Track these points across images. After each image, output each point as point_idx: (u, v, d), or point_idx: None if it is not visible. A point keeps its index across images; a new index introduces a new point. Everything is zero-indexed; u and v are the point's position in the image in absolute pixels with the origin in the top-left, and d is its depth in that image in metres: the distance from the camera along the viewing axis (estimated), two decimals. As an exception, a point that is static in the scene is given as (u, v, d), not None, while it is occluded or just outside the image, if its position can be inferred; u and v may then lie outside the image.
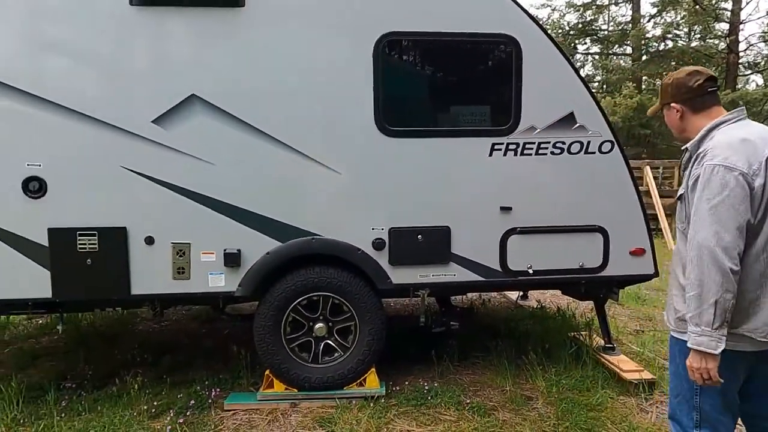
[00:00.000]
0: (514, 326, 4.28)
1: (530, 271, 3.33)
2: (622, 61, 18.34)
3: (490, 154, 3.24)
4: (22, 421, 3.05)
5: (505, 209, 3.26)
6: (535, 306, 5.04)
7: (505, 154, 3.24)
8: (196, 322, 4.95)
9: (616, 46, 18.76)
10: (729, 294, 1.67)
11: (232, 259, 3.09)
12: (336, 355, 3.32)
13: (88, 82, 2.96)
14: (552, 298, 5.53)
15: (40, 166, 2.95)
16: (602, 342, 3.88)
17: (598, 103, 3.33)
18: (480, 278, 3.32)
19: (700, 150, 1.82)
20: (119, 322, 4.86)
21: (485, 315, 4.93)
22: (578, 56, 20.16)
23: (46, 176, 2.96)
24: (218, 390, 3.35)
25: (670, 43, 16.21)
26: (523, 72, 3.19)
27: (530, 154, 3.26)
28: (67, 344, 4.31)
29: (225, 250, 3.10)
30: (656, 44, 16.19)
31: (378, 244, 3.20)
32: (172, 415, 3.07)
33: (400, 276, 3.25)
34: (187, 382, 3.52)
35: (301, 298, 3.22)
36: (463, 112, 3.29)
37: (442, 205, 3.24)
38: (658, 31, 16.29)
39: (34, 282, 2.99)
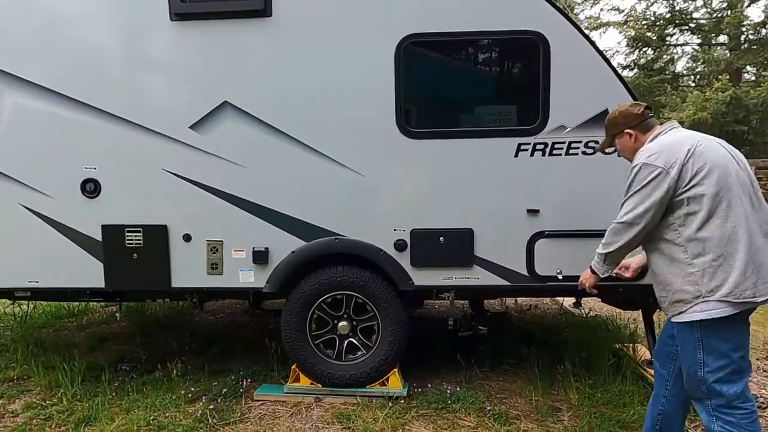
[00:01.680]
0: (555, 334, 4.10)
1: (560, 277, 3.19)
2: (715, 53, 16.78)
3: (516, 155, 3.14)
4: (80, 397, 3.41)
5: (533, 212, 3.15)
6: (584, 314, 4.78)
7: (532, 155, 3.13)
8: (247, 315, 5.23)
9: (712, 35, 17.17)
10: None
11: (260, 257, 3.26)
12: (359, 353, 3.38)
13: (134, 92, 3.26)
14: (606, 308, 5.21)
15: (95, 169, 3.30)
16: (648, 355, 3.61)
17: (635, 99, 3.11)
18: (506, 282, 3.23)
19: None
20: (178, 313, 5.26)
21: (525, 321, 4.76)
22: (673, 49, 18.68)
23: (101, 178, 3.30)
24: (250, 380, 3.53)
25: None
26: (552, 69, 3.06)
27: (560, 155, 3.12)
28: (131, 331, 4.75)
29: (254, 248, 3.27)
30: (756, 31, 14.59)
31: (400, 245, 3.22)
32: (204, 401, 3.29)
33: (422, 278, 3.25)
34: (225, 372, 3.75)
35: (325, 296, 3.32)
36: (488, 111, 3.22)
37: (465, 206, 3.19)
38: (757, 15, 14.69)
39: (91, 273, 3.34)
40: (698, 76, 18.59)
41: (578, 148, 3.11)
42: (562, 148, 3.12)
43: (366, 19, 3.15)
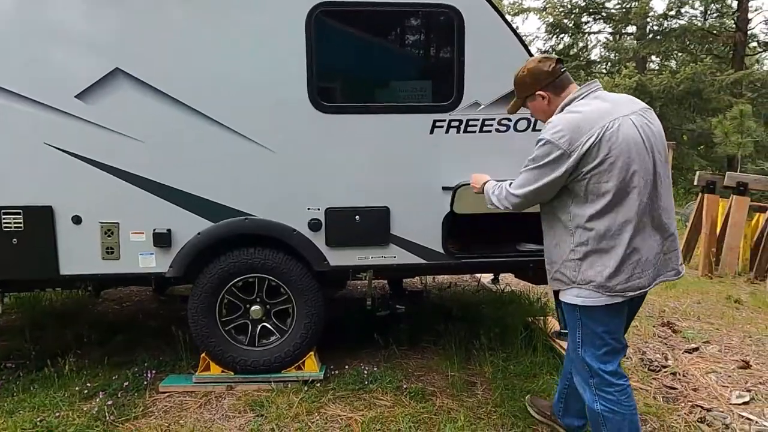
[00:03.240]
0: (471, 310, 4.18)
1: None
2: (625, 42, 17.86)
3: (432, 132, 3.10)
4: (-46, 400, 3.03)
5: (448, 189, 3.13)
6: (500, 290, 4.92)
7: (447, 132, 3.10)
8: (156, 303, 4.91)
9: (622, 25, 18.22)
10: None
11: (161, 239, 3.01)
12: (273, 338, 3.25)
13: (8, 57, 2.85)
14: (521, 283, 5.41)
15: (-39, 142, 2.88)
16: (558, 327, 3.76)
17: (548, 78, 3.15)
18: (422, 261, 3.21)
19: None
20: (78, 302, 4.84)
21: (444, 298, 4.83)
22: (587, 37, 19.60)
23: (-32, 153, 2.88)
24: (155, 372, 3.30)
25: (676, 23, 15.68)
26: (466, 44, 3.03)
27: (474, 132, 3.12)
28: (21, 324, 4.29)
29: (155, 230, 3.01)
30: (660, 22, 15.67)
31: (314, 225, 3.09)
32: (102, 396, 3.02)
33: (338, 258, 3.15)
34: (128, 364, 3.48)
35: (236, 280, 3.14)
36: (403, 87, 3.15)
37: (381, 184, 3.12)
38: (660, 8, 15.75)
39: (-38, 262, 2.94)
40: (609, 64, 19.71)
41: (492, 125, 3.12)
42: (476, 126, 3.11)
43: (274, -16, 2.94)
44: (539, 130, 3.12)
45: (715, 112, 13.08)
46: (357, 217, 3.10)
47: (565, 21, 17.22)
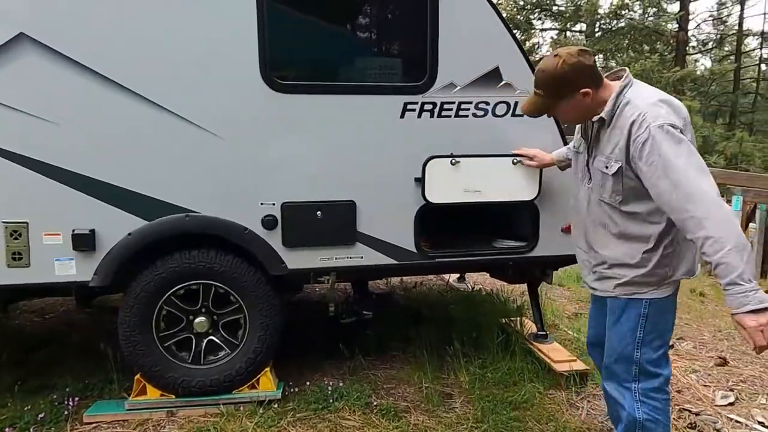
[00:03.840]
0: (442, 312, 3.87)
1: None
2: (575, 39, 18.22)
3: (402, 116, 2.74)
4: None
5: (421, 181, 2.79)
6: (470, 288, 4.65)
7: (419, 116, 2.76)
8: (84, 314, 4.30)
9: (570, 23, 18.57)
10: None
11: (83, 242, 2.51)
12: (222, 353, 2.81)
13: None
14: (490, 281, 5.17)
15: None
16: (535, 329, 3.52)
17: (528, 59, 2.88)
18: (392, 261, 2.86)
19: (618, 114, 1.79)
20: (-10, 315, 4.17)
21: (411, 299, 4.50)
22: (536, 33, 19.88)
23: None
24: (79, 399, 2.79)
25: (623, 23, 16.08)
26: (440, 19, 2.69)
27: (449, 116, 2.79)
28: None
29: (74, 230, 2.51)
30: (609, 20, 16.05)
31: (268, 222, 2.68)
32: (8, 434, 2.50)
33: (296, 260, 2.75)
34: (46, 389, 2.94)
35: (177, 288, 2.68)
36: (371, 65, 2.78)
37: (346, 175, 2.74)
38: (607, 6, 16.13)
39: None
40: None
41: (468, 109, 2.80)
42: (451, 109, 2.79)
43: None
44: (520, 116, 2.86)
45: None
46: (318, 212, 2.71)
47: (519, 17, 17.34)
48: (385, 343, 3.45)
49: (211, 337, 2.80)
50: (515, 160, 2.83)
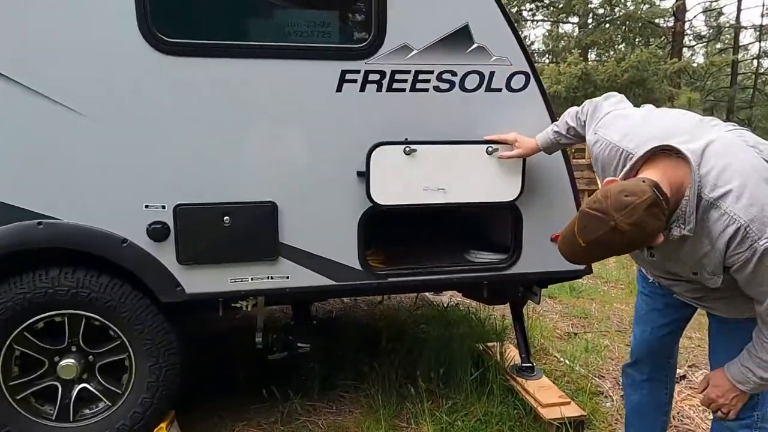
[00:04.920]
0: (408, 337, 3.18)
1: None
2: (568, 29, 17.63)
3: (339, 89, 2.05)
4: None
5: (366, 176, 2.11)
6: (444, 305, 3.96)
7: (362, 89, 2.07)
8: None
9: (563, 14, 17.93)
10: None
11: None
12: (100, 406, 2.11)
13: None
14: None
15: None
16: (518, 359, 2.85)
17: (507, 17, 2.19)
18: (329, 281, 2.17)
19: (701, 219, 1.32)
20: None
21: (374, 316, 3.80)
22: (528, 25, 19.25)
23: None
24: None
25: (617, 11, 15.47)
26: (389, -44, 2.01)
27: (403, 90, 2.11)
28: None
29: None
30: (603, 10, 15.43)
31: (156, 232, 1.98)
32: None
33: (197, 281, 2.05)
34: None
35: (32, 320, 1.98)
36: (295, 19, 2.08)
37: (263, 168, 2.05)
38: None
39: None
40: (553, 53, 19.43)
41: (428, 81, 2.12)
42: (405, 81, 2.10)
43: None
44: (496, 90, 2.18)
45: (658, 103, 12.89)
46: (226, 218, 2.02)
47: (514, 10, 16.69)
48: (332, 380, 2.77)
49: (85, 385, 2.10)
50: (490, 149, 2.15)
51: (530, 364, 2.79)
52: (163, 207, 1.98)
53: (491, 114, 2.19)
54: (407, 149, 2.08)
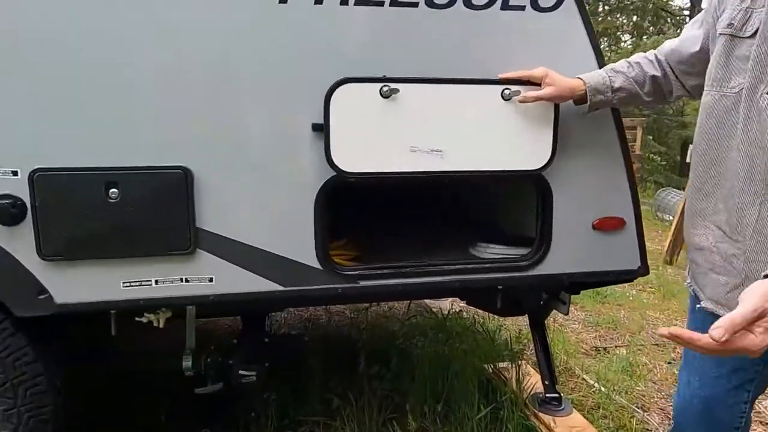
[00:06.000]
0: (395, 356, 2.48)
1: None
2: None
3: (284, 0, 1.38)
4: None
5: (324, 130, 1.43)
6: (444, 312, 3.25)
7: (319, 0, 1.40)
8: None
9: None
10: None
11: None
12: (-67, 468, 1.45)
13: None
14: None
15: None
16: (541, 387, 2.17)
17: None
18: (274, 286, 1.49)
19: None
20: None
21: (358, 326, 3.09)
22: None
23: None
24: None
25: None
26: None
27: (380, 3, 1.43)
28: None
29: None
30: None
31: (4, 211, 1.31)
32: None
33: (73, 286, 1.38)
34: None
35: None
36: None
37: (166, 116, 1.37)
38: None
39: None
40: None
41: (416, -10, 1.44)
42: (383, -11, 1.42)
43: None
44: (518, 8, 1.50)
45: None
46: (112, 190, 1.34)
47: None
48: (293, 416, 2.08)
49: None
50: (508, 91, 1.47)
51: (557, 394, 2.11)
52: (15, 174, 1.31)
53: (508, 42, 1.51)
54: (386, 89, 1.40)
